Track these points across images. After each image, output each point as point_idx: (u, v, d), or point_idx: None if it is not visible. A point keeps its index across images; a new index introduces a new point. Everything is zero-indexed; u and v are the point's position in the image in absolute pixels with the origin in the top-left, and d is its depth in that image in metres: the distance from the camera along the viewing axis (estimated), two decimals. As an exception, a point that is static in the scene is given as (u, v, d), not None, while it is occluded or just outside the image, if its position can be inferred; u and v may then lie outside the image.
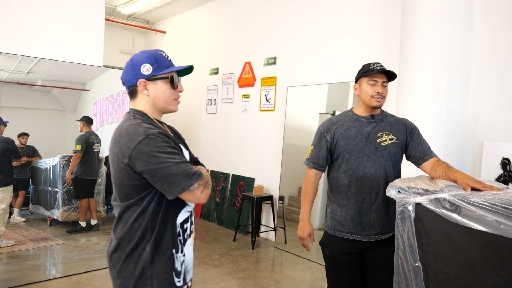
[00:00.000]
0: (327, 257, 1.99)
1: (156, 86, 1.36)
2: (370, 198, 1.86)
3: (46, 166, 5.04)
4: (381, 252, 1.86)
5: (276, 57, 4.97)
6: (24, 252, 4.01)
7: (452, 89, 2.99)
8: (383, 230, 1.84)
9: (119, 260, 1.30)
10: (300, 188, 4.84)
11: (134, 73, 1.33)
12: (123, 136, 1.25)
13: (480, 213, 1.39)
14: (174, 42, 7.04)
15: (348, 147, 1.91)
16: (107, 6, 6.35)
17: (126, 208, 1.29)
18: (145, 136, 1.21)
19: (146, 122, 1.29)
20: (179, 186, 1.21)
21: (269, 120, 5.04)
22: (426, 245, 1.53)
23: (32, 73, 4.58)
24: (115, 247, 1.31)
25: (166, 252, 1.29)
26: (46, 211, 4.96)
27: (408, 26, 3.16)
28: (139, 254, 1.27)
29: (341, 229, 1.92)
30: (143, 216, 1.27)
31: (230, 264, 3.92)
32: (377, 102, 1.90)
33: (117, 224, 1.33)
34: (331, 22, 4.31)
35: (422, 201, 1.54)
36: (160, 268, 1.28)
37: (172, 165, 1.21)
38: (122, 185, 1.28)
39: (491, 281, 1.36)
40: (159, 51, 1.39)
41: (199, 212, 5.92)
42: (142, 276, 1.27)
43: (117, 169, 1.27)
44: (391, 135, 1.90)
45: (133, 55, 1.38)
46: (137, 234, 1.27)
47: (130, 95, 1.39)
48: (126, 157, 1.22)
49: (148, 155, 1.20)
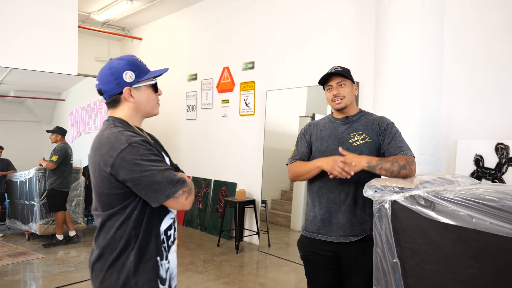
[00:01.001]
0: (302, 258, 2.00)
1: (140, 92, 1.36)
2: (340, 198, 1.85)
3: (22, 179, 4.89)
4: (353, 257, 1.83)
5: (255, 61, 5.00)
6: (2, 268, 3.88)
7: (426, 90, 3.08)
8: (352, 232, 1.82)
9: (101, 269, 1.28)
10: (282, 192, 4.87)
11: (116, 81, 1.31)
12: (105, 144, 1.23)
13: (453, 208, 1.44)
14: (151, 49, 6.98)
15: (320, 148, 1.93)
16: (80, 13, 6.24)
17: (108, 217, 1.27)
18: (128, 144, 1.21)
19: (128, 130, 1.28)
20: (164, 193, 1.21)
21: (249, 125, 5.06)
22: (403, 242, 1.57)
23: (4, 84, 4.45)
24: (97, 256, 1.29)
25: (150, 260, 1.28)
26: (24, 225, 4.81)
27: (382, 29, 3.24)
28: (122, 263, 1.26)
29: (312, 229, 1.92)
30: (126, 225, 1.26)
31: (214, 270, 3.90)
32: (337, 104, 1.92)
33: (99, 233, 1.31)
34: (308, 26, 4.37)
35: (398, 198, 1.58)
36: (144, 276, 1.27)
37: (156, 172, 1.20)
38: (104, 194, 1.26)
39: (465, 273, 1.41)
40: (134, 57, 1.39)
41: (182, 219, 5.86)
42: (126, 284, 1.25)
43: (99, 178, 1.25)
44: (363, 135, 1.89)
45: (108, 63, 1.36)
46: (120, 242, 1.26)
47: (110, 104, 1.36)
48: (108, 166, 1.21)
49: (131, 163, 1.19)
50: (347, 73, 1.94)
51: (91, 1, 5.91)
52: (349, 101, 1.93)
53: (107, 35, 7.22)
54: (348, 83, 1.93)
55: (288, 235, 4.68)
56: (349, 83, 1.94)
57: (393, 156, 1.77)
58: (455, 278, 1.44)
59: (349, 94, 1.92)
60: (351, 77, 1.95)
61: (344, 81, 1.92)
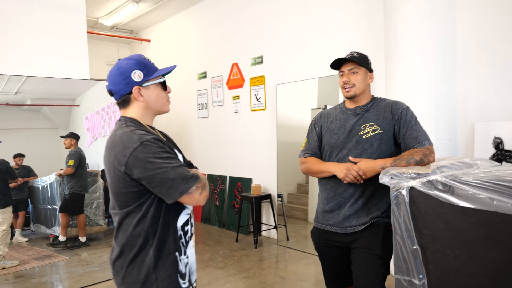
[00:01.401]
0: (316, 249, 2.02)
1: (150, 91, 1.37)
2: (348, 192, 1.83)
3: (43, 185, 5.02)
4: (360, 241, 1.81)
5: (263, 56, 4.98)
6: (29, 271, 4.00)
7: (439, 74, 3.02)
8: (358, 222, 1.81)
9: (122, 266, 1.30)
10: (298, 185, 4.87)
11: (125, 81, 1.33)
12: (118, 144, 1.25)
13: (472, 192, 1.41)
14: (159, 50, 7.03)
15: (330, 141, 1.90)
16: (89, 18, 6.32)
17: (125, 215, 1.30)
18: (140, 143, 1.22)
19: (139, 129, 1.30)
20: (178, 190, 1.22)
21: (261, 120, 5.06)
22: (422, 228, 1.55)
23: (20, 93, 4.56)
24: (118, 254, 1.32)
25: (169, 255, 1.30)
26: (48, 229, 4.95)
27: (391, 14, 3.19)
28: (142, 259, 1.28)
29: (321, 220, 1.92)
30: (143, 222, 1.28)
31: (234, 265, 3.93)
32: (346, 92, 1.86)
33: (117, 231, 1.33)
34: (316, 15, 4.33)
35: (415, 184, 1.56)
36: (164, 272, 1.29)
37: (169, 169, 1.21)
38: (120, 193, 1.28)
39: (488, 257, 1.38)
40: (142, 56, 1.40)
41: (200, 217, 5.92)
42: (147, 280, 1.28)
43: (114, 178, 1.27)
44: (374, 126, 1.82)
45: (117, 63, 1.37)
46: (139, 240, 1.28)
47: (121, 104, 1.38)
48: (122, 165, 1.23)
49: (144, 161, 1.20)
50: (361, 61, 1.85)
51: (98, 6, 5.98)
52: (359, 90, 1.85)
53: (116, 39, 7.29)
54: (361, 71, 1.85)
55: (306, 228, 4.68)
56: (363, 71, 1.86)
57: (408, 151, 1.73)
58: (477, 262, 1.41)
59: (360, 83, 1.85)
60: (366, 65, 1.87)
61: (357, 69, 1.85)
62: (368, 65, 1.89)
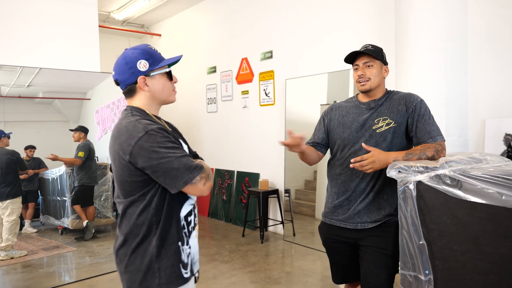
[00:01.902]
0: (323, 244, 1.99)
1: (155, 80, 1.36)
2: (360, 187, 1.80)
3: (53, 176, 5.09)
4: (371, 240, 1.79)
5: (273, 50, 4.96)
6: (37, 261, 4.06)
7: (450, 69, 2.97)
8: (370, 219, 1.78)
9: (125, 255, 1.32)
10: (306, 181, 4.85)
11: (131, 71, 1.32)
12: (123, 133, 1.26)
13: (481, 186, 1.39)
14: (170, 44, 7.05)
15: (342, 135, 1.87)
16: (101, 13, 6.37)
17: (129, 204, 1.30)
18: (145, 132, 1.22)
19: (145, 118, 1.30)
20: (181, 179, 1.23)
21: (269, 115, 5.04)
22: (429, 223, 1.53)
23: (33, 86, 4.61)
24: (121, 243, 1.33)
25: (172, 245, 1.31)
26: (57, 221, 5.02)
27: (402, 9, 3.14)
28: (145, 248, 1.29)
29: (331, 216, 1.90)
30: (147, 211, 1.28)
31: (240, 259, 3.93)
32: (362, 86, 1.82)
33: (121, 220, 1.34)
34: (326, 10, 4.29)
35: (423, 178, 1.54)
36: (167, 261, 1.30)
37: (173, 159, 1.22)
38: (125, 181, 1.29)
39: (496, 253, 1.36)
40: (148, 46, 1.39)
41: (207, 211, 5.94)
42: (149, 269, 1.28)
43: (119, 167, 1.28)
44: (388, 120, 1.79)
45: (123, 53, 1.37)
46: (142, 229, 1.29)
47: (127, 93, 1.38)
48: (127, 154, 1.23)
49: (149, 151, 1.21)
50: (377, 53, 1.81)
51: (110, 0, 6.02)
52: (374, 84, 1.82)
53: (127, 33, 7.33)
54: (377, 64, 1.81)
55: (313, 224, 4.66)
56: (378, 64, 1.82)
57: (421, 146, 1.70)
58: (485, 258, 1.39)
59: (375, 76, 1.81)
60: (381, 58, 1.83)
61: (373, 62, 1.81)
62: (383, 57, 1.85)
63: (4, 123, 4.49)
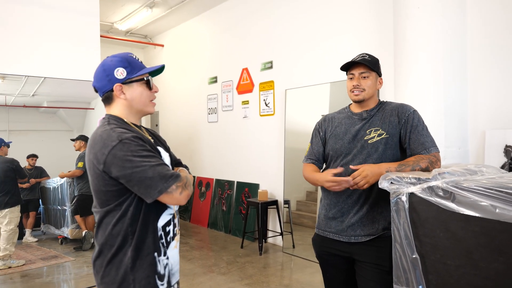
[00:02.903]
0: (317, 257, 1.95)
1: (132, 89, 1.35)
2: (352, 199, 1.77)
3: (54, 185, 5.08)
4: (366, 257, 1.75)
5: (273, 61, 4.97)
6: (35, 270, 4.03)
7: (449, 80, 2.95)
8: (363, 232, 1.74)
9: (101, 266, 1.29)
10: (308, 192, 4.80)
11: (108, 78, 1.32)
12: (97, 142, 1.24)
13: (474, 199, 1.35)
14: (172, 54, 7.10)
15: (335, 146, 1.85)
16: (104, 23, 6.44)
17: (105, 213, 1.28)
18: (119, 141, 1.21)
19: (120, 127, 1.28)
20: (156, 189, 1.21)
21: (269, 125, 5.03)
22: (422, 236, 1.49)
23: (37, 95, 4.65)
24: (97, 253, 1.31)
25: (148, 256, 1.28)
26: (57, 230, 5.00)
27: (400, 19, 3.14)
28: (120, 259, 1.27)
29: (324, 227, 1.86)
30: (123, 221, 1.26)
31: (238, 271, 3.88)
32: (355, 96, 1.80)
33: (97, 230, 1.32)
34: (326, 21, 4.30)
35: (416, 190, 1.50)
36: (142, 272, 1.27)
37: (147, 168, 1.20)
38: (100, 191, 1.27)
39: (490, 268, 1.31)
40: (130, 54, 1.38)
41: (207, 222, 5.90)
42: (124, 281, 1.26)
43: (94, 176, 1.27)
44: (380, 130, 1.76)
45: (103, 60, 1.36)
46: (117, 239, 1.26)
47: (105, 101, 1.37)
48: (101, 164, 1.22)
49: (122, 159, 1.19)
50: (373, 65, 1.79)
51: (113, 11, 6.09)
52: (368, 95, 1.80)
53: (130, 43, 7.40)
54: (372, 76, 1.80)
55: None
56: (374, 75, 1.81)
57: (414, 157, 1.67)
58: (479, 273, 1.34)
59: (370, 88, 1.79)
60: (377, 69, 1.82)
61: (368, 73, 1.79)
62: (379, 69, 1.84)
63: (8, 132, 4.51)
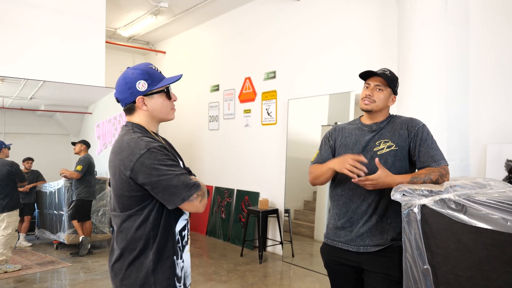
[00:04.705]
0: (325, 266, 1.96)
1: (154, 100, 1.41)
2: (361, 209, 1.79)
3: (51, 190, 5.05)
4: (375, 267, 1.76)
5: (276, 71, 5.03)
6: (31, 276, 3.98)
7: (452, 94, 3.01)
8: (373, 242, 1.76)
9: (121, 269, 1.34)
10: (305, 202, 4.82)
11: (130, 91, 1.38)
12: (125, 149, 1.30)
13: (486, 212, 1.39)
14: (174, 62, 7.14)
15: None
16: (107, 29, 6.48)
17: (126, 218, 1.34)
18: (147, 150, 1.27)
19: (146, 136, 1.35)
20: (179, 196, 1.27)
21: (271, 134, 5.07)
22: (434, 247, 1.52)
23: (35, 98, 4.64)
24: (117, 256, 1.35)
25: (168, 259, 1.34)
26: (52, 235, 4.95)
27: (404, 34, 3.21)
28: (141, 262, 1.32)
29: (333, 237, 1.88)
30: (145, 226, 1.32)
31: (238, 280, 3.87)
32: (365, 105, 1.85)
33: (118, 234, 1.37)
34: (329, 33, 4.37)
35: (428, 202, 1.54)
36: (163, 274, 1.33)
37: (173, 177, 1.26)
38: (123, 196, 1.32)
39: (501, 279, 1.35)
40: (149, 65, 1.44)
41: (205, 229, 5.88)
42: (145, 283, 1.31)
43: (119, 181, 1.32)
44: (389, 142, 1.80)
45: (124, 73, 1.41)
46: (139, 243, 1.32)
47: (127, 111, 1.44)
48: (128, 170, 1.28)
49: (150, 167, 1.26)
50: (390, 80, 1.84)
51: (117, 17, 6.13)
52: (378, 108, 1.84)
53: (132, 49, 7.44)
54: (386, 91, 1.84)
55: (312, 245, 4.61)
56: (388, 91, 1.85)
57: (425, 170, 1.71)
58: (490, 284, 1.38)
59: (381, 101, 1.83)
60: (393, 86, 1.86)
61: (384, 87, 1.83)
62: (395, 87, 1.88)
63: (4, 135, 4.49)
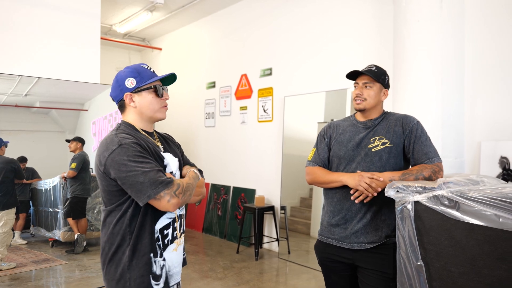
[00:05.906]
0: (319, 263, 1.97)
1: (142, 97, 1.44)
2: (355, 206, 1.80)
3: (46, 187, 5.03)
4: (369, 264, 1.77)
5: (272, 68, 5.02)
6: (26, 273, 3.97)
7: (447, 91, 3.02)
8: (367, 239, 1.77)
9: (104, 263, 1.39)
10: (302, 199, 4.83)
11: (120, 88, 1.44)
12: (102, 145, 1.36)
13: (479, 208, 1.40)
14: (170, 58, 7.11)
15: (338, 153, 1.88)
16: (103, 25, 6.43)
17: (108, 213, 1.38)
18: (118, 146, 1.30)
19: (125, 132, 1.37)
20: (145, 194, 1.28)
21: (267, 131, 5.07)
22: (427, 243, 1.53)
23: (30, 95, 4.61)
24: (101, 251, 1.40)
25: (143, 256, 1.35)
26: (48, 232, 4.93)
27: (400, 32, 3.21)
28: (119, 258, 1.35)
29: (327, 234, 1.88)
30: (122, 221, 1.35)
31: (234, 276, 3.88)
32: (357, 105, 1.86)
33: (102, 229, 1.41)
34: (325, 30, 4.37)
35: (421, 199, 1.55)
36: (137, 271, 1.34)
37: (139, 173, 1.27)
38: (104, 190, 1.38)
39: (493, 275, 1.36)
40: (142, 65, 1.48)
41: (201, 226, 5.89)
42: (121, 278, 1.34)
43: (98, 176, 1.37)
44: (384, 139, 1.80)
45: (118, 72, 1.47)
46: (117, 238, 1.35)
47: (120, 109, 1.49)
48: (102, 165, 1.33)
49: (119, 163, 1.29)
50: (377, 76, 1.84)
51: (113, 14, 6.09)
52: (370, 105, 1.85)
53: (128, 46, 7.40)
54: (376, 86, 1.85)
55: (308, 242, 4.63)
56: (378, 86, 1.86)
57: (418, 166, 1.73)
58: (482, 280, 1.39)
59: (372, 98, 1.84)
60: (382, 81, 1.86)
61: (372, 83, 1.84)
62: (384, 81, 1.88)
63: (-1, 132, 4.46)
